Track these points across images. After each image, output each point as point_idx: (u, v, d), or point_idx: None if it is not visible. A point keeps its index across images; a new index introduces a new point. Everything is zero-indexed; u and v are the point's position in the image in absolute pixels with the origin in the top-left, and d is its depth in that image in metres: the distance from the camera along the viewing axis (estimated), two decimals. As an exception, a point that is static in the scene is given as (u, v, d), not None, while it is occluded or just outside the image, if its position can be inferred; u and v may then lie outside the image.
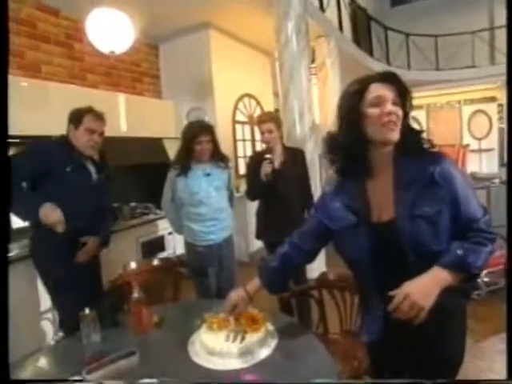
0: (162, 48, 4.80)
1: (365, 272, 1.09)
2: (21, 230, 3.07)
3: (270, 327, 1.28)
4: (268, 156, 2.27)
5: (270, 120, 2.35)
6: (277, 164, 2.31)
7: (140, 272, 2.21)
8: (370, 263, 1.06)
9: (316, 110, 5.42)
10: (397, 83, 1.05)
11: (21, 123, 2.71)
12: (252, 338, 1.19)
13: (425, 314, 0.94)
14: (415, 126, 2.02)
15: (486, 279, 3.02)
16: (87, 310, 1.32)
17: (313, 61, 5.36)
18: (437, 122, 11.12)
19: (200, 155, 2.22)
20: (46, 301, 2.56)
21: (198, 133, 2.19)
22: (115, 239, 3.12)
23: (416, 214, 1.00)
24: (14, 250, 2.66)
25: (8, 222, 1.05)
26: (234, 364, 1.12)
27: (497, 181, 3.98)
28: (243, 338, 1.19)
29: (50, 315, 2.64)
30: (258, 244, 4.73)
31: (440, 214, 1.00)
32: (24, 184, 1.86)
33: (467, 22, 8.67)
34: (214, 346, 1.15)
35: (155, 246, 3.64)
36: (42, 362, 1.31)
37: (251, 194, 2.47)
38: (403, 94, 1.05)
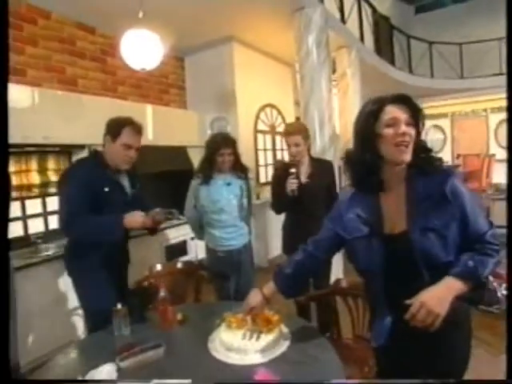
0: (187, 60, 5.03)
1: (375, 280, 1.17)
2: (57, 231, 3.31)
3: (284, 328, 1.38)
4: (293, 170, 2.24)
5: (298, 132, 2.31)
6: (303, 177, 2.33)
7: (165, 274, 2.37)
8: (380, 272, 1.14)
9: (336, 119, 5.49)
10: (410, 104, 1.13)
11: (58, 132, 2.96)
12: (267, 337, 1.29)
13: (440, 321, 1.02)
14: (439, 134, 2.06)
15: (505, 292, 2.98)
16: (119, 306, 1.47)
17: (334, 71, 5.45)
18: (462, 131, 10.89)
19: (222, 166, 2.36)
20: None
21: (220, 145, 2.35)
22: (140, 243, 3.31)
23: (427, 227, 1.08)
24: (51, 250, 2.89)
25: (7, 228, 1.08)
26: (249, 359, 1.23)
27: (520, 192, 3.91)
28: (259, 337, 1.30)
29: (80, 311, 2.82)
30: (276, 250, 4.84)
31: (449, 227, 1.08)
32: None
33: (493, 29, 8.50)
34: (232, 342, 1.27)
35: (178, 249, 3.81)
36: (77, 351, 1.47)
37: (276, 208, 2.48)
38: (416, 114, 1.14)
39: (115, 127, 1.85)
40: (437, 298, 1.03)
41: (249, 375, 1.13)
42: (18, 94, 2.73)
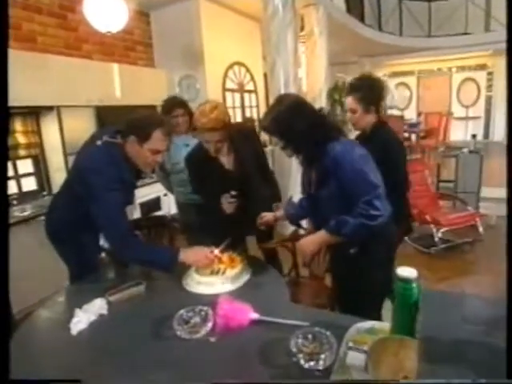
0: (153, 16, 4.91)
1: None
2: (30, 193, 3.41)
3: (245, 266, 1.66)
4: (232, 199, 2.01)
5: (215, 128, 1.89)
6: (227, 164, 2.11)
7: (141, 226, 2.59)
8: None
9: (303, 78, 5.61)
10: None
11: (24, 93, 2.97)
12: (231, 272, 1.57)
13: (308, 256, 1.63)
14: (406, 91, 2.19)
15: (440, 236, 3.44)
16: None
17: (302, 29, 5.48)
18: (427, 89, 11.26)
19: (177, 127, 2.51)
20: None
21: (172, 107, 2.49)
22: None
23: (318, 191, 1.56)
24: (28, 210, 3.02)
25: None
26: (216, 290, 1.50)
27: (465, 150, 4.32)
28: (224, 272, 1.57)
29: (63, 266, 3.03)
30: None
31: (333, 191, 1.50)
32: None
33: (462, -14, 8.58)
34: (201, 278, 1.54)
35: (152, 205, 4.02)
36: (69, 293, 1.70)
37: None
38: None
39: (144, 129, 1.59)
40: (308, 242, 1.62)
41: (213, 300, 1.41)
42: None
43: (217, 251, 1.65)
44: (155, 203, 4.06)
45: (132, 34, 4.63)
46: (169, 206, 4.10)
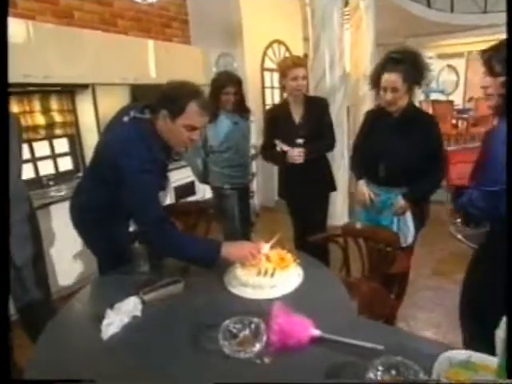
0: (190, -10, 4.65)
1: None
2: (67, 172, 3.34)
3: (297, 266, 1.44)
4: (299, 142, 2.11)
5: (304, 64, 2.18)
6: (297, 118, 2.24)
7: (175, 213, 2.42)
8: None
9: (347, 57, 5.22)
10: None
11: (59, 71, 2.84)
12: (281, 273, 1.35)
13: None
14: (452, 75, 1.96)
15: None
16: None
17: (346, 4, 5.06)
18: (476, 73, 10.38)
19: (226, 105, 2.33)
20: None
21: (226, 83, 2.29)
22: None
23: None
24: (63, 191, 2.94)
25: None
26: (264, 294, 1.30)
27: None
28: (273, 274, 1.36)
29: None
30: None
31: None
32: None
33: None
34: (247, 279, 1.33)
35: (187, 190, 3.87)
36: (98, 289, 1.55)
37: (267, 156, 2.36)
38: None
39: (176, 101, 1.38)
40: None
41: (263, 308, 1.20)
42: (11, 28, 2.58)
43: (267, 247, 1.43)
44: (189, 187, 3.90)
45: (168, 10, 4.42)
46: (204, 191, 3.93)
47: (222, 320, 1.08)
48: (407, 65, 1.76)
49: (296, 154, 2.09)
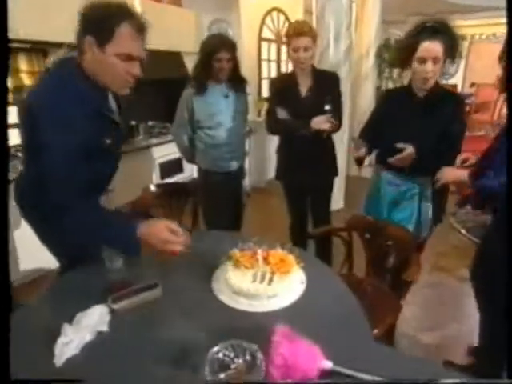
0: None
1: None
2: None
3: (300, 270, 1.21)
4: (328, 109, 1.88)
5: (309, 33, 1.86)
6: (304, 91, 2.01)
7: (160, 195, 2.16)
8: None
9: (352, 31, 4.89)
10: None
11: (30, 26, 2.47)
12: (281, 280, 1.12)
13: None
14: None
15: None
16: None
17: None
18: (478, 57, 10.09)
19: (219, 73, 2.01)
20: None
21: (218, 48, 1.96)
22: (132, 159, 3.06)
23: None
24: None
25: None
26: (260, 306, 1.07)
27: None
28: (271, 280, 1.13)
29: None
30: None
31: None
32: None
33: None
34: (241, 285, 1.09)
35: (173, 167, 3.58)
36: (60, 290, 1.28)
37: (271, 128, 2.14)
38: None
39: (104, 23, 1.09)
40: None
41: (259, 323, 0.98)
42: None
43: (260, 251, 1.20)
44: (176, 164, 3.61)
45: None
46: (192, 169, 3.66)
47: (208, 340, 0.85)
48: (445, 35, 1.53)
49: (323, 120, 1.85)
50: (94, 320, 0.97)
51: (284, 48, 5.04)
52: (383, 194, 1.80)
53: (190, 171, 3.70)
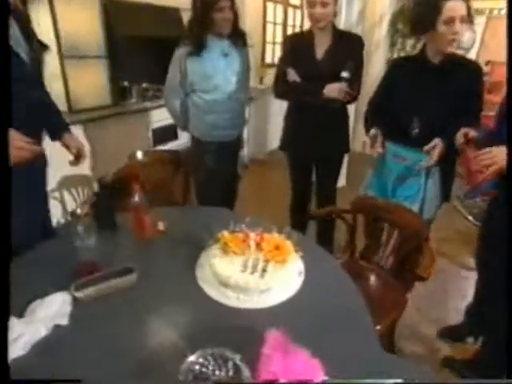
0: None
1: None
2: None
3: (298, 259, 1.05)
4: (345, 76, 1.65)
5: None
6: (320, 52, 1.78)
7: (148, 164, 1.98)
8: None
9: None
10: None
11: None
12: (275, 272, 0.97)
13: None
14: (472, 32, 1.53)
15: None
16: (79, 209, 1.09)
17: None
18: (494, 34, 9.61)
19: (222, 25, 1.76)
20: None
21: None
22: (123, 123, 2.85)
23: None
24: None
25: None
26: (250, 302, 0.92)
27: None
28: (264, 271, 0.97)
29: (57, 194, 2.51)
30: (276, 142, 4.42)
31: None
32: None
33: None
34: (228, 275, 0.94)
35: (167, 133, 3.35)
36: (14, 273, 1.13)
37: (279, 91, 1.92)
38: None
39: None
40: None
41: (248, 323, 0.83)
42: None
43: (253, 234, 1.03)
44: (170, 131, 3.38)
45: None
46: (188, 136, 3.45)
47: (185, 342, 0.71)
48: None
49: (338, 88, 1.65)
50: (52, 311, 0.82)
51: (290, 11, 4.69)
52: (389, 170, 1.65)
53: (186, 139, 3.48)
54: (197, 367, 0.68)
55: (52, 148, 1.41)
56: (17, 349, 0.74)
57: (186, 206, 1.87)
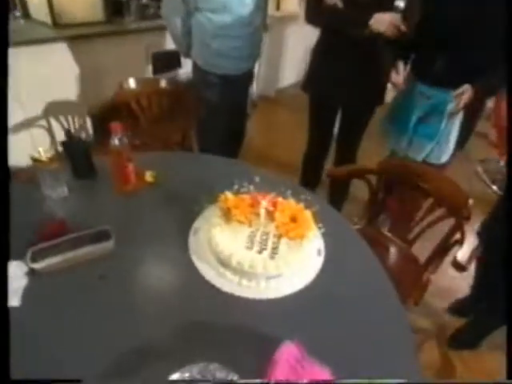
0: None
1: None
2: None
3: (318, 234, 0.84)
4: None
5: None
6: None
7: (141, 94, 1.69)
8: None
9: None
10: None
11: None
12: (289, 251, 0.76)
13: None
14: None
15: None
16: (43, 152, 0.85)
17: None
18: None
19: None
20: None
21: None
22: (118, 44, 2.48)
23: None
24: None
25: None
26: (254, 290, 0.72)
27: None
28: (275, 249, 0.76)
29: (43, 122, 2.26)
30: (288, 79, 4.03)
31: None
32: None
33: None
34: (230, 254, 0.73)
35: (170, 60, 2.96)
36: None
37: (311, 14, 1.50)
38: None
39: None
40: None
41: (252, 319, 0.65)
42: None
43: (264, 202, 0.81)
44: (172, 57, 2.99)
45: None
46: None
47: (168, 341, 0.53)
48: None
49: (388, 19, 1.29)
50: None
51: None
52: (414, 106, 1.53)
53: (190, 66, 3.11)
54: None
55: (33, 69, 1.15)
56: None
57: (184, 152, 1.63)
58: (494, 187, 2.70)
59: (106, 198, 0.93)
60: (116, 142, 0.86)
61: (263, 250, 0.75)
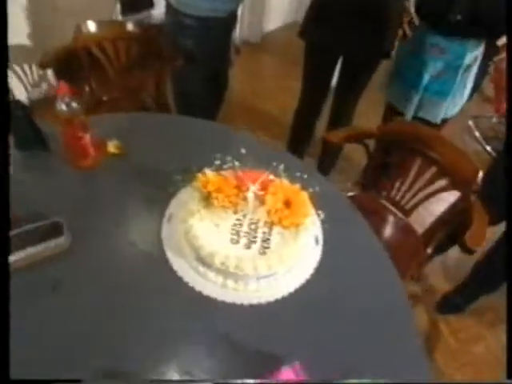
0: None
1: None
2: None
3: (316, 220, 0.71)
4: None
5: None
6: None
7: (104, 39, 1.44)
8: None
9: None
10: None
11: None
12: (283, 243, 0.63)
13: None
14: None
15: None
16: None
17: None
18: None
19: None
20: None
21: None
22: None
23: None
24: None
25: None
26: (242, 294, 0.60)
27: None
28: (266, 241, 0.64)
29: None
30: (274, 23, 3.70)
31: None
32: None
33: None
34: (212, 252, 0.60)
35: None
36: None
37: None
38: None
39: None
40: None
41: (239, 332, 0.54)
42: None
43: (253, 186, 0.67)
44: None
45: None
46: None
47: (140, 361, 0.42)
48: None
49: None
50: None
51: None
52: (424, 64, 1.32)
53: (163, 7, 2.76)
54: None
55: None
56: None
57: (156, 114, 1.43)
58: (488, 147, 2.61)
59: (59, 176, 0.76)
60: (63, 107, 0.68)
61: (252, 244, 0.63)
